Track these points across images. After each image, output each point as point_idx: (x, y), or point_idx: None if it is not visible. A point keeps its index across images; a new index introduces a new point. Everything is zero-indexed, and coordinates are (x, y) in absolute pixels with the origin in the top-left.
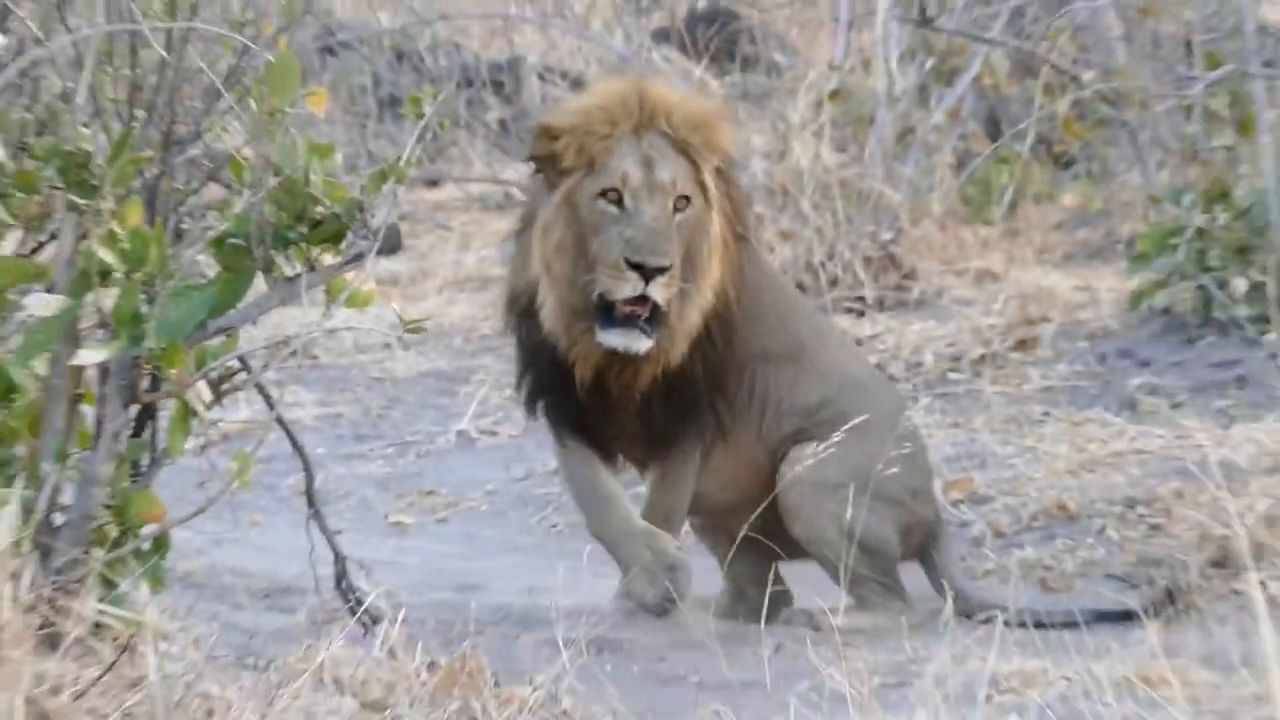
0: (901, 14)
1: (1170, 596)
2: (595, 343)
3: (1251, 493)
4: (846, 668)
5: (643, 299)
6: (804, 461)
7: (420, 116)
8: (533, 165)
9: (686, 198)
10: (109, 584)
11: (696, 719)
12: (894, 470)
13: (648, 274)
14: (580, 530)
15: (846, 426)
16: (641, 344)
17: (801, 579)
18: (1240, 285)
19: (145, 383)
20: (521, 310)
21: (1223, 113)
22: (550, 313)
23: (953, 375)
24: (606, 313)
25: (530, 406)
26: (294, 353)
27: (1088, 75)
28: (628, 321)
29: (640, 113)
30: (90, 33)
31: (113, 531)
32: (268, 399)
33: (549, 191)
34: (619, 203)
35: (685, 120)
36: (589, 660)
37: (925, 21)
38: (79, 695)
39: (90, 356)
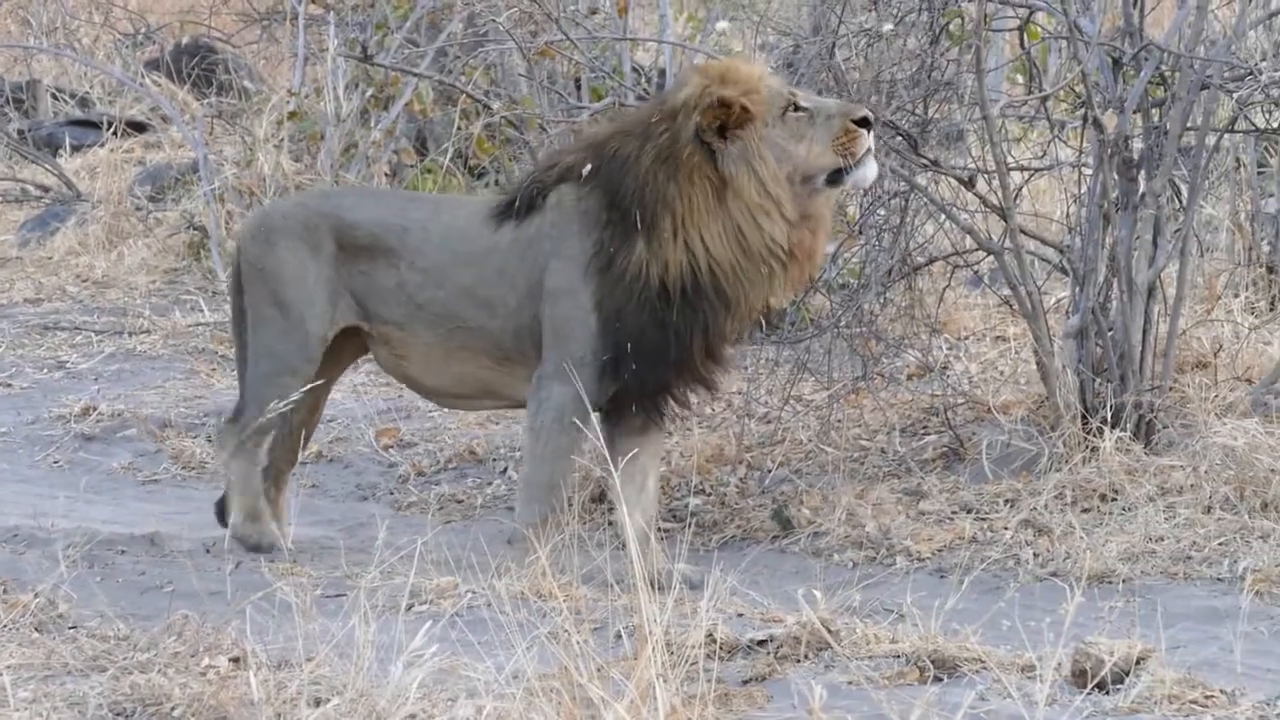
0: (347, 51)
1: None
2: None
3: None
4: (294, 581)
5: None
6: None
7: None
8: (703, 137)
9: None
10: None
11: (168, 622)
12: None
13: (868, 123)
14: (80, 462)
15: None
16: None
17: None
18: None
19: None
20: (648, 288)
21: None
22: (771, 232)
23: None
24: (838, 174)
25: (614, 372)
26: None
27: (497, 104)
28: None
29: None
30: None
31: None
32: None
33: (711, 155)
34: (799, 108)
35: None
36: (82, 572)
37: (366, 58)
38: None
39: None
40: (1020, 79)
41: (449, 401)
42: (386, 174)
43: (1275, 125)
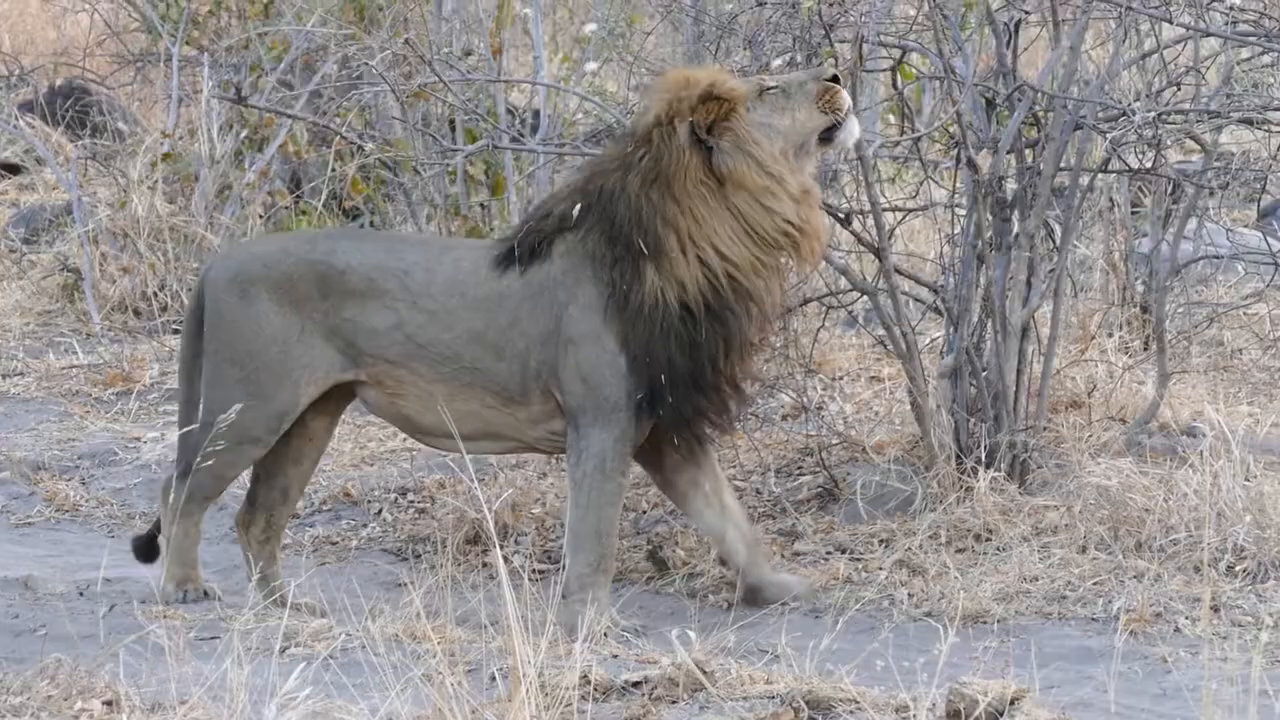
0: (221, 93)
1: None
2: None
3: (500, 484)
4: (167, 624)
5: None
6: None
7: None
8: (699, 135)
9: None
10: None
11: (41, 665)
12: None
13: (839, 81)
14: None
15: None
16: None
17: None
18: None
19: None
20: (668, 315)
21: (479, 177)
22: (781, 210)
23: None
24: (830, 131)
25: (650, 409)
26: None
27: (371, 145)
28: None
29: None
30: None
31: None
32: None
33: (706, 150)
34: (769, 88)
35: None
36: None
37: (240, 99)
38: None
39: None
40: (893, 119)
41: (445, 443)
42: (260, 215)
43: (1148, 165)
